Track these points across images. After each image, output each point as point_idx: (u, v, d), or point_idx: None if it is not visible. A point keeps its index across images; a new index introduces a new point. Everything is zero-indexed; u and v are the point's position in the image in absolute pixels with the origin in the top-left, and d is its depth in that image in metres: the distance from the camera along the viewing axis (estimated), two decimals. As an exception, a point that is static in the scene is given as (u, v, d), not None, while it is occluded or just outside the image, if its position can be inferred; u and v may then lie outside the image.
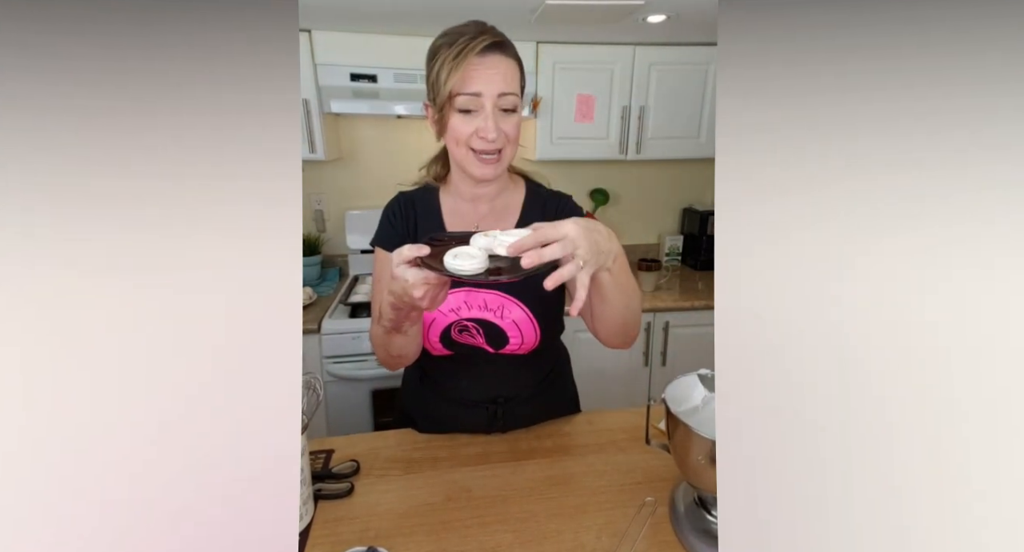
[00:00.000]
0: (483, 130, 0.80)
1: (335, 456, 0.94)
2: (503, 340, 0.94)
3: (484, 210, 0.95)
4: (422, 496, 0.84)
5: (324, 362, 1.81)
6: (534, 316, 0.92)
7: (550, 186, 1.02)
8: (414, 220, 0.96)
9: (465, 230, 0.92)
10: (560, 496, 0.84)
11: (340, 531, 0.76)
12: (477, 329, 0.93)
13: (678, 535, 0.75)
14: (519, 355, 0.97)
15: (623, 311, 0.81)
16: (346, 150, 2.24)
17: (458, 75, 0.77)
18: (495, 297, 0.91)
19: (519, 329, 0.93)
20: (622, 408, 1.12)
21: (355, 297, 1.97)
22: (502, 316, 0.92)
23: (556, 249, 0.60)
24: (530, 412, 1.02)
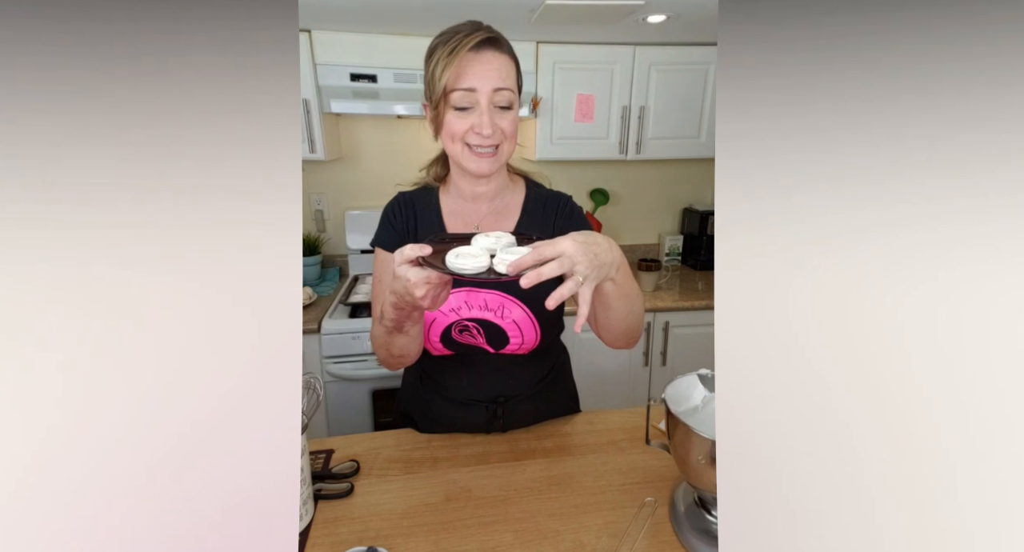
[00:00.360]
0: (478, 126, 0.80)
1: (335, 456, 0.94)
2: (504, 340, 0.94)
3: (484, 210, 0.95)
4: (422, 496, 0.84)
5: (324, 362, 1.81)
6: (534, 316, 0.92)
7: (551, 186, 1.02)
8: (414, 220, 0.96)
9: (466, 231, 0.92)
10: (560, 496, 0.84)
11: (340, 531, 0.76)
12: (478, 329, 0.93)
13: (678, 535, 0.75)
14: (519, 355, 0.97)
15: (627, 317, 0.81)
16: (346, 150, 2.24)
17: (452, 71, 0.77)
18: (495, 297, 0.92)
19: (519, 329, 0.93)
20: (622, 408, 1.12)
21: (355, 297, 1.97)
22: (502, 316, 0.92)
23: (554, 267, 0.62)
24: (530, 411, 1.02)
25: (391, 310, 0.77)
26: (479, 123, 0.79)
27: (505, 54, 0.81)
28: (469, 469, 0.90)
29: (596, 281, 0.66)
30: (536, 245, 0.64)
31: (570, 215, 0.96)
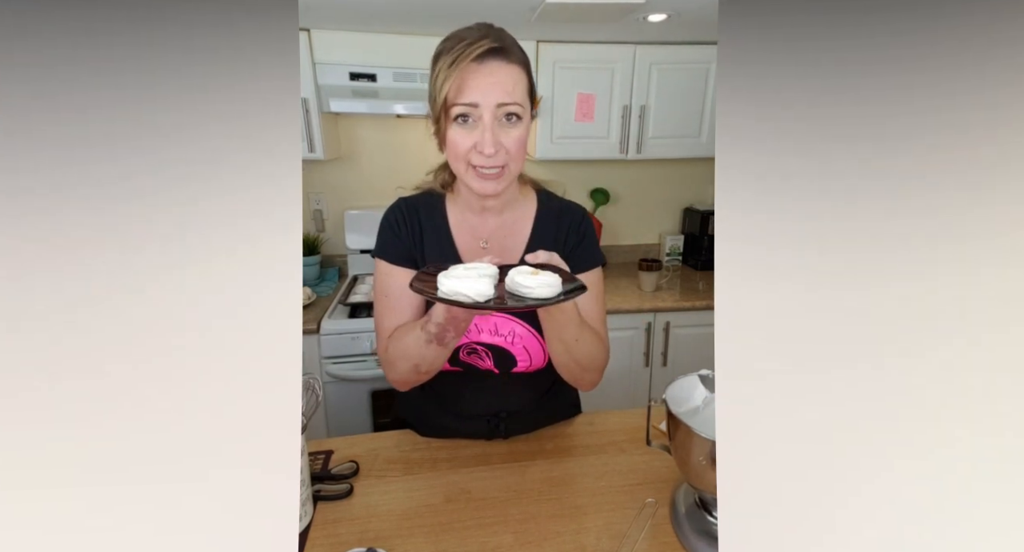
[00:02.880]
0: (481, 144, 0.74)
1: (334, 457, 0.94)
2: (511, 363, 0.92)
3: (493, 224, 0.91)
4: (422, 497, 0.83)
5: (323, 362, 1.80)
6: (543, 339, 0.88)
7: (565, 194, 0.98)
8: (419, 230, 0.90)
9: (474, 245, 0.91)
10: (560, 497, 0.83)
11: (339, 532, 0.76)
12: (487, 352, 0.91)
13: (679, 536, 0.75)
14: (524, 373, 0.95)
15: (573, 346, 0.83)
16: (345, 149, 2.24)
17: (453, 83, 0.72)
18: (505, 321, 0.89)
19: (528, 354, 0.91)
20: (623, 409, 1.12)
21: (354, 297, 1.97)
22: (512, 342, 0.90)
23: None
24: (531, 423, 1.01)
25: (436, 325, 0.76)
26: (482, 141, 0.74)
27: (514, 64, 0.75)
28: (469, 470, 0.90)
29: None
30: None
31: (582, 237, 0.92)
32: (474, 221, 0.91)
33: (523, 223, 0.92)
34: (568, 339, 0.82)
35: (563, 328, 0.80)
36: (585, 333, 0.83)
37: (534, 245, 0.90)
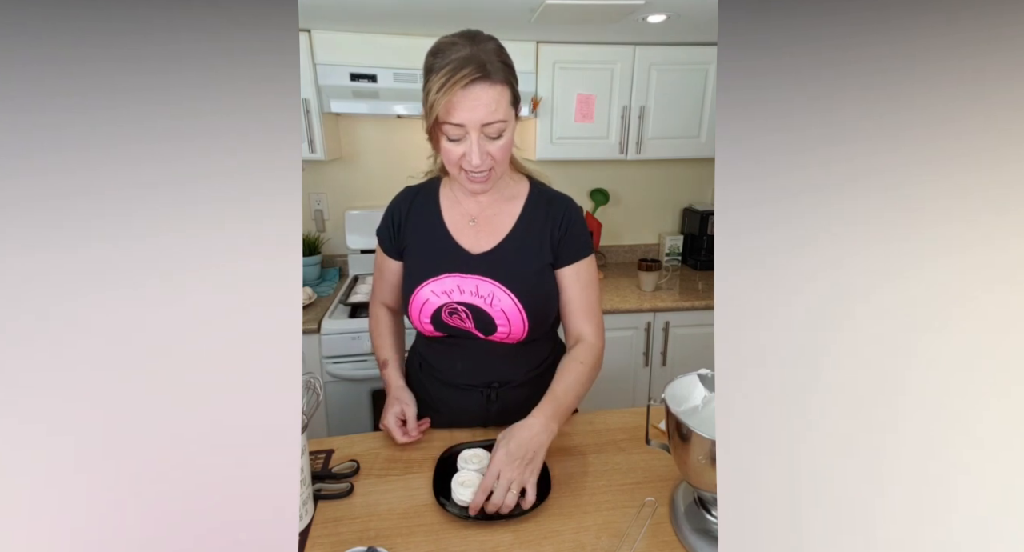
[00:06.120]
0: (469, 155, 0.86)
1: (335, 456, 0.94)
2: (491, 327, 0.98)
3: (484, 201, 1.00)
4: (422, 496, 0.84)
5: (324, 362, 1.81)
6: (523, 307, 0.96)
7: (551, 185, 1.05)
8: (407, 217, 1.02)
9: (463, 222, 0.99)
10: (560, 496, 0.83)
11: (340, 531, 0.76)
12: (467, 313, 0.97)
13: (678, 535, 0.75)
14: (509, 344, 1.00)
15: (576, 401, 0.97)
16: (346, 150, 2.24)
17: (443, 105, 0.81)
18: (487, 284, 0.96)
19: (507, 318, 0.96)
20: (622, 408, 1.12)
21: (355, 297, 1.97)
22: (491, 304, 0.96)
23: (500, 495, 0.77)
24: (524, 397, 1.02)
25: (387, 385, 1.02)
26: (470, 153, 0.85)
27: (496, 84, 0.82)
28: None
29: (534, 475, 0.81)
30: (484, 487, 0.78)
31: (569, 227, 1.00)
32: (465, 201, 1.01)
33: (514, 203, 1.01)
34: (576, 402, 0.96)
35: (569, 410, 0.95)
36: (574, 388, 0.95)
37: (523, 223, 0.99)
